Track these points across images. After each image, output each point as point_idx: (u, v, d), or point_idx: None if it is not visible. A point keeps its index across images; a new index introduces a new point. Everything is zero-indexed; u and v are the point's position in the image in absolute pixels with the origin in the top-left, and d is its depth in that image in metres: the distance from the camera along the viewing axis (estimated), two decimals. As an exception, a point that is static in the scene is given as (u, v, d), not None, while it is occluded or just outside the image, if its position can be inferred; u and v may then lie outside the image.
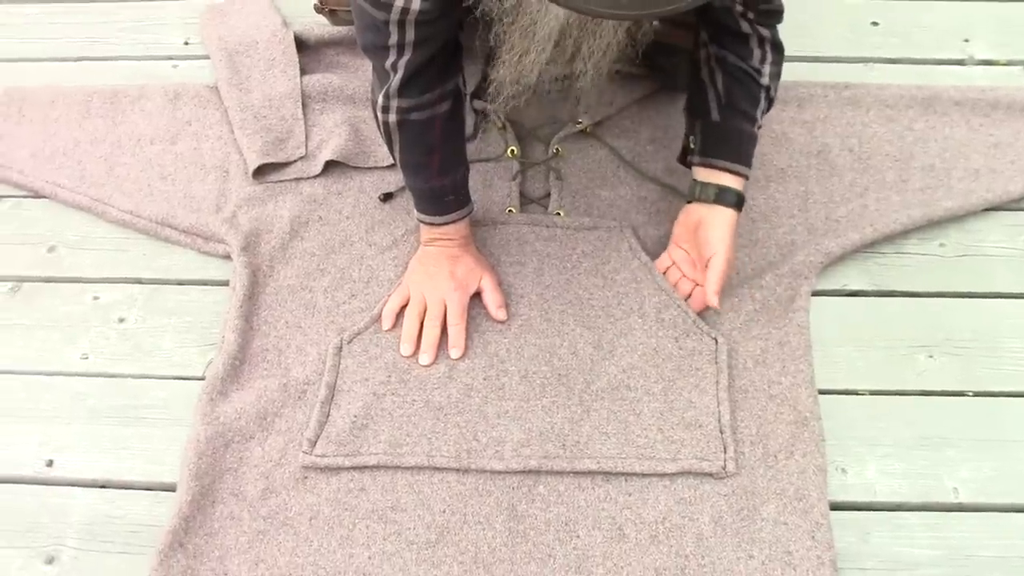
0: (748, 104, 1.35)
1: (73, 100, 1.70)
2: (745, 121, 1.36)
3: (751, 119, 1.36)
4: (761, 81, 1.35)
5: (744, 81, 1.35)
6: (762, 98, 1.37)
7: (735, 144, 1.37)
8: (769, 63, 1.35)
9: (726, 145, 1.37)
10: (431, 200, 1.38)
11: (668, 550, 1.24)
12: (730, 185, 1.36)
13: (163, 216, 1.54)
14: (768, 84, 1.36)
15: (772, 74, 1.36)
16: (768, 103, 1.39)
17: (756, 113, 1.36)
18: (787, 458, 1.29)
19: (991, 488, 1.30)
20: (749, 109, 1.35)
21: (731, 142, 1.37)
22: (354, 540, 1.25)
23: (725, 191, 1.36)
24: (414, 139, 1.31)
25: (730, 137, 1.37)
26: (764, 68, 1.35)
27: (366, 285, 1.46)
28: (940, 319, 1.44)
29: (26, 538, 1.31)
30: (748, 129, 1.36)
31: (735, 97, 1.35)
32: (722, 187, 1.36)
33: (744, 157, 1.37)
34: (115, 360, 1.45)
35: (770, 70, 1.36)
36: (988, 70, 1.72)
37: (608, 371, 1.36)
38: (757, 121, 1.37)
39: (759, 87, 1.35)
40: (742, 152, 1.37)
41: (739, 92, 1.35)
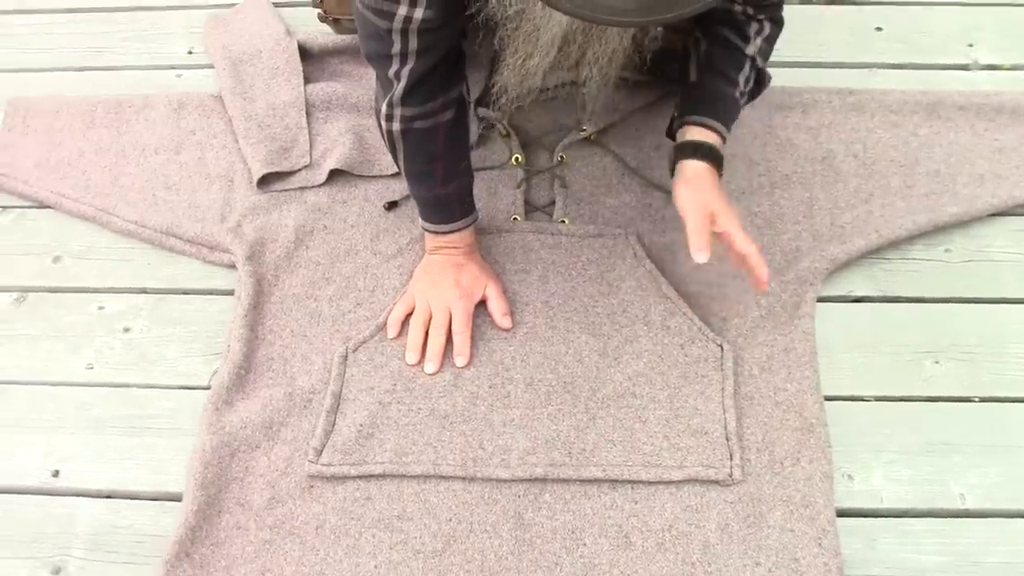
0: (728, 67, 1.33)
1: (77, 110, 1.70)
2: (724, 83, 1.33)
3: (731, 82, 1.33)
4: (747, 50, 1.32)
5: (727, 46, 1.33)
6: (747, 66, 1.33)
7: (710, 102, 1.33)
8: (763, 36, 1.33)
9: (702, 103, 1.34)
10: (436, 208, 1.38)
11: (675, 558, 1.23)
12: (705, 140, 1.31)
13: (168, 226, 1.54)
14: (754, 55, 1.33)
15: (762, 50, 1.33)
16: (756, 75, 1.35)
17: (738, 77, 1.33)
18: (793, 465, 1.29)
19: (998, 494, 1.30)
20: (730, 72, 1.33)
21: (706, 100, 1.34)
22: (360, 549, 1.25)
23: (700, 145, 1.30)
24: (418, 147, 1.31)
25: (706, 96, 1.34)
26: (755, 40, 1.32)
27: (371, 294, 1.46)
28: (946, 325, 1.44)
29: (32, 548, 1.31)
30: (726, 90, 1.33)
31: (715, 59, 1.33)
32: (696, 143, 1.31)
33: (722, 116, 1.33)
34: (120, 370, 1.45)
35: (761, 45, 1.33)
36: (992, 75, 1.72)
37: (614, 378, 1.36)
38: (739, 86, 1.33)
39: (743, 56, 1.33)
40: (718, 109, 1.33)
41: (720, 54, 1.33)
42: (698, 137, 1.32)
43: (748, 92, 1.36)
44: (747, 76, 1.34)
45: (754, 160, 1.57)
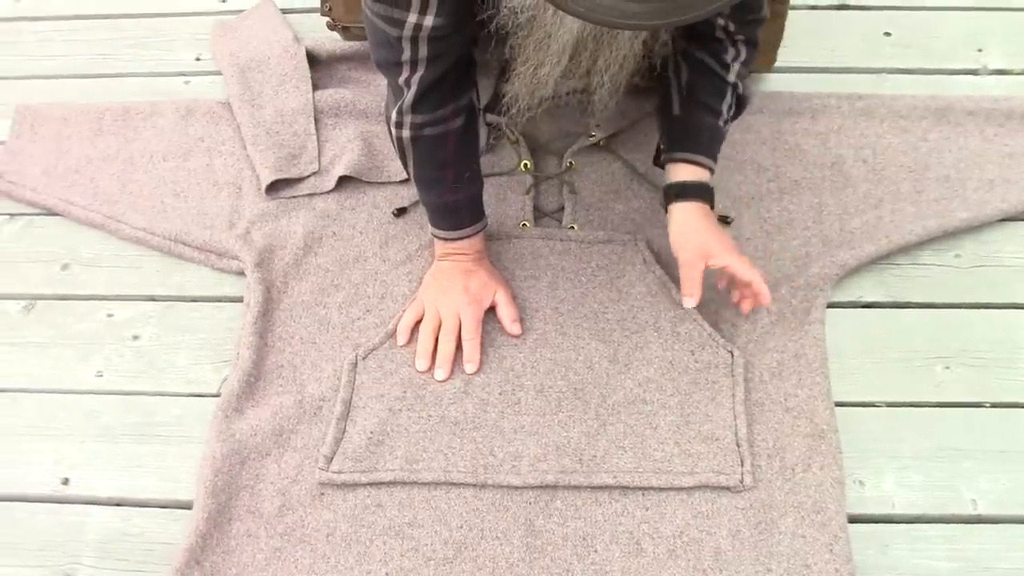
0: (711, 97, 1.33)
1: (85, 117, 1.70)
2: (708, 114, 1.33)
3: (714, 112, 1.33)
4: (728, 77, 1.32)
5: (707, 75, 1.32)
6: (728, 93, 1.33)
7: (695, 136, 1.34)
8: (740, 61, 1.33)
9: (686, 138, 1.34)
10: (445, 215, 1.38)
11: (686, 564, 1.23)
12: (692, 179, 1.33)
13: (176, 233, 1.54)
14: (735, 81, 1.33)
15: (741, 73, 1.34)
16: (737, 101, 1.36)
17: (721, 107, 1.33)
18: (804, 471, 1.29)
19: (1010, 500, 1.30)
20: (712, 102, 1.33)
21: (690, 135, 1.34)
22: (371, 556, 1.25)
23: (687, 185, 1.33)
24: (428, 154, 1.30)
25: (690, 129, 1.34)
26: (733, 65, 1.32)
27: (380, 300, 1.46)
28: (956, 330, 1.44)
29: (42, 556, 1.31)
30: (709, 121, 1.33)
31: (696, 90, 1.33)
32: (685, 182, 1.33)
33: (707, 149, 1.34)
34: (129, 377, 1.45)
35: (739, 69, 1.33)
36: (1002, 80, 1.72)
37: (624, 385, 1.36)
38: (722, 115, 1.33)
39: (724, 83, 1.33)
40: (703, 144, 1.34)
41: (702, 84, 1.33)
42: (685, 176, 1.33)
43: (730, 118, 1.36)
44: (729, 104, 1.34)
45: (763, 166, 1.57)
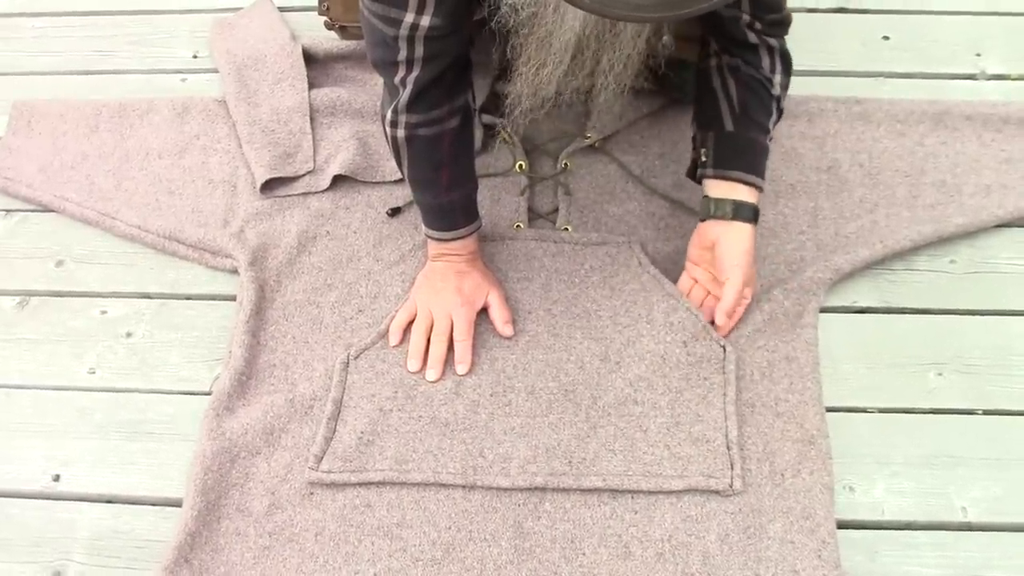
0: (762, 115, 1.34)
1: (82, 114, 1.70)
2: (759, 132, 1.34)
3: (764, 130, 1.35)
4: (773, 92, 1.34)
5: (757, 91, 1.34)
6: (774, 109, 1.36)
7: (750, 156, 1.35)
8: (779, 73, 1.35)
9: (741, 157, 1.35)
10: (439, 215, 1.38)
11: (674, 568, 1.23)
12: (746, 199, 1.34)
13: (171, 231, 1.54)
14: (779, 95, 1.36)
15: (782, 84, 1.36)
16: (779, 115, 1.38)
17: (769, 124, 1.35)
18: (794, 476, 1.29)
19: (1001, 508, 1.29)
20: (763, 120, 1.34)
21: (746, 154, 1.35)
22: (360, 556, 1.25)
23: (742, 206, 1.34)
24: (422, 154, 1.30)
25: (745, 148, 1.35)
26: (775, 78, 1.34)
27: (373, 300, 1.46)
28: (950, 336, 1.44)
29: (33, 553, 1.31)
30: (762, 140, 1.35)
31: (750, 107, 1.34)
32: (739, 202, 1.34)
33: (759, 169, 1.35)
34: (122, 375, 1.45)
35: (780, 80, 1.35)
36: (1000, 85, 1.71)
37: (615, 385, 1.36)
38: (770, 132, 1.36)
39: (771, 97, 1.35)
40: (756, 164, 1.35)
41: (753, 102, 1.34)
42: (736, 196, 1.34)
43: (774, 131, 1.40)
44: (775, 120, 1.37)
45: (759, 169, 1.56)
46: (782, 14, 1.31)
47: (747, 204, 1.34)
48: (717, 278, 1.38)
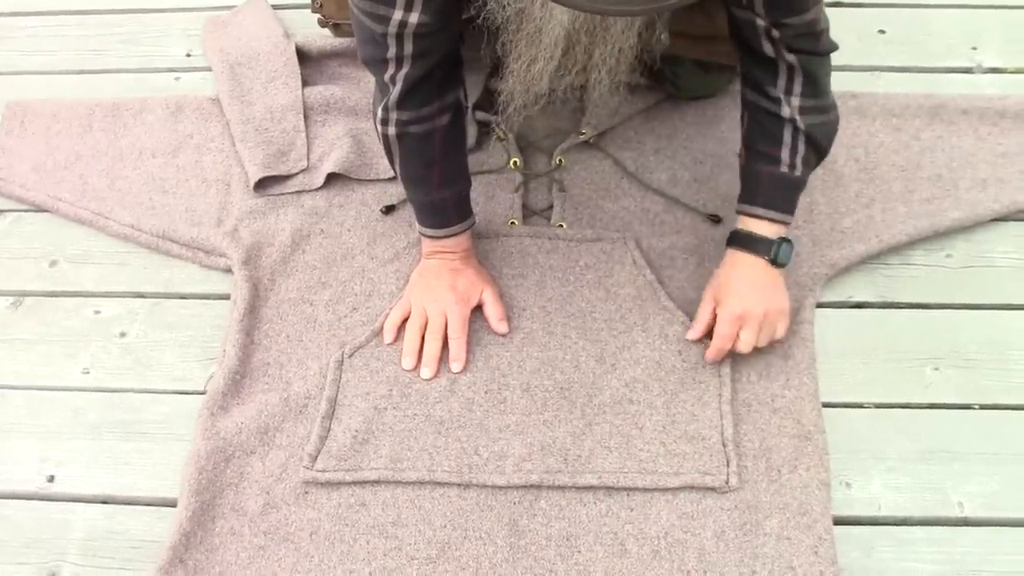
0: (766, 143, 1.28)
1: (75, 113, 1.70)
2: (765, 162, 1.28)
3: (772, 160, 1.28)
4: (781, 114, 1.25)
5: (761, 116, 1.28)
6: (787, 134, 1.26)
7: (752, 186, 1.31)
8: (798, 95, 1.24)
9: (746, 188, 1.32)
10: (432, 213, 1.37)
11: (670, 566, 1.23)
12: (754, 231, 1.31)
13: (164, 230, 1.53)
14: (793, 117, 1.25)
15: (802, 108, 1.24)
16: (805, 141, 1.27)
17: (780, 153, 1.27)
18: (790, 472, 1.28)
19: (997, 502, 1.29)
20: (768, 149, 1.28)
21: (749, 184, 1.32)
22: (355, 555, 1.25)
23: (747, 236, 1.32)
24: (414, 152, 1.30)
25: (748, 179, 1.32)
26: (787, 99, 1.24)
27: (367, 298, 1.46)
28: (947, 331, 1.43)
29: (27, 554, 1.31)
30: (768, 170, 1.29)
31: (754, 136, 1.30)
32: (743, 232, 1.32)
33: (763, 199, 1.30)
34: (116, 375, 1.45)
35: (800, 103, 1.24)
36: (996, 78, 1.71)
37: (611, 384, 1.35)
38: (782, 161, 1.27)
39: (779, 121, 1.26)
40: (760, 194, 1.30)
41: (756, 130, 1.29)
42: (745, 227, 1.32)
43: (803, 161, 1.28)
44: (792, 146, 1.27)
45: (754, 164, 1.56)
46: (804, 18, 1.18)
47: (754, 235, 1.31)
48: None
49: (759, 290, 1.32)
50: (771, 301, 1.32)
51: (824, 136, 1.28)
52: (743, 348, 1.32)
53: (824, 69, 1.25)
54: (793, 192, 1.31)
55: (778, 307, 1.32)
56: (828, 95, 1.27)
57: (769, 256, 1.30)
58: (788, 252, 1.31)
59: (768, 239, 1.31)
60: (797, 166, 1.28)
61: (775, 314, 1.32)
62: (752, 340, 1.32)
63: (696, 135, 1.60)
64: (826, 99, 1.27)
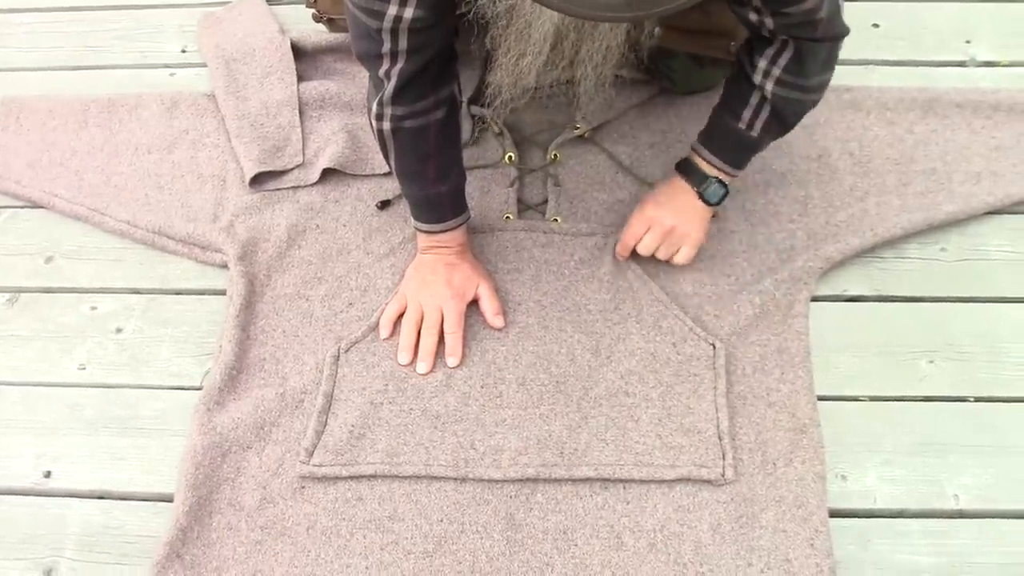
0: (734, 99, 1.32)
1: (70, 109, 1.70)
2: (727, 114, 1.33)
3: (734, 115, 1.31)
4: (752, 79, 1.27)
5: (737, 75, 1.31)
6: (752, 98, 1.29)
7: (710, 130, 1.37)
8: (780, 67, 1.24)
9: (705, 130, 1.38)
10: (427, 208, 1.38)
11: (667, 558, 1.23)
12: (692, 161, 1.38)
13: (160, 226, 1.53)
14: (762, 85, 1.26)
15: (779, 80, 1.25)
16: (770, 109, 1.28)
17: (742, 112, 1.30)
18: (786, 465, 1.29)
19: (992, 494, 1.29)
20: (734, 105, 1.31)
21: (708, 128, 1.38)
22: (351, 550, 1.25)
23: (682, 162, 1.40)
24: (409, 147, 1.30)
25: (709, 123, 1.37)
26: (770, 68, 1.24)
27: (363, 293, 1.46)
28: (941, 324, 1.44)
29: (24, 549, 1.31)
30: (727, 122, 1.33)
31: (727, 88, 1.34)
32: (683, 160, 1.40)
33: (711, 142, 1.37)
34: (112, 370, 1.45)
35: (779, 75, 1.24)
36: (990, 72, 1.71)
37: (606, 377, 1.36)
38: (741, 119, 1.31)
39: (750, 85, 1.28)
40: (712, 137, 1.36)
41: (731, 85, 1.33)
42: (688, 157, 1.40)
43: (763, 126, 1.31)
44: (755, 109, 1.30)
45: (749, 158, 1.56)
46: (802, 7, 1.16)
47: (693, 165, 1.38)
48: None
49: (677, 209, 1.39)
50: (684, 221, 1.39)
51: (791, 111, 1.31)
52: (642, 250, 1.41)
53: (817, 53, 1.24)
54: (744, 150, 1.36)
55: (687, 230, 1.40)
56: (812, 77, 1.27)
57: (699, 188, 1.38)
58: (718, 193, 1.38)
59: (704, 173, 1.38)
60: (756, 128, 1.32)
61: (682, 235, 1.40)
62: (652, 245, 1.40)
63: (691, 129, 1.59)
64: (808, 79, 1.27)
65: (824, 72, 1.28)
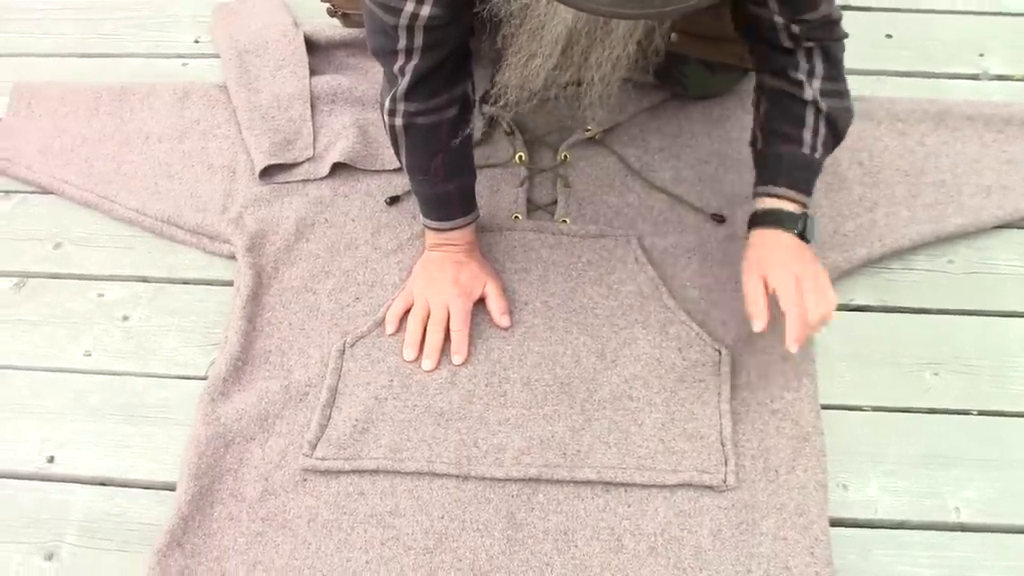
0: (788, 124, 1.28)
1: (82, 97, 1.70)
2: (785, 142, 1.28)
3: (793, 140, 1.27)
4: (804, 96, 1.25)
5: (783, 100, 1.28)
6: (809, 115, 1.26)
7: (774, 167, 1.30)
8: (820, 78, 1.25)
9: (766, 170, 1.31)
10: (437, 206, 1.38)
11: (666, 562, 1.23)
12: (773, 207, 1.29)
13: (169, 215, 1.54)
14: (815, 99, 1.25)
15: (823, 91, 1.25)
16: (826, 123, 1.27)
17: (802, 134, 1.27)
18: (788, 473, 1.29)
19: (994, 508, 1.29)
20: (791, 130, 1.27)
21: (770, 166, 1.30)
22: (352, 544, 1.25)
23: (766, 213, 1.29)
24: (420, 143, 1.30)
25: (768, 161, 1.31)
26: (810, 82, 1.25)
27: (370, 288, 1.46)
28: (947, 336, 1.43)
29: (26, 534, 1.31)
30: (789, 150, 1.28)
31: (774, 119, 1.29)
32: (764, 211, 1.29)
33: (789, 179, 1.28)
34: (118, 358, 1.45)
35: (821, 86, 1.25)
36: (1003, 85, 1.71)
37: (610, 380, 1.36)
38: (804, 142, 1.27)
39: (802, 104, 1.26)
40: (781, 172, 1.29)
41: (777, 112, 1.29)
42: (767, 205, 1.29)
43: (823, 144, 1.28)
44: (813, 128, 1.27)
45: (759, 165, 1.56)
46: (819, 12, 1.20)
47: (780, 211, 1.28)
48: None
49: (799, 257, 1.27)
50: (815, 262, 1.28)
51: (842, 120, 1.29)
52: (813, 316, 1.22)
53: (842, 53, 1.26)
54: (812, 174, 1.30)
55: (823, 269, 1.27)
56: (845, 80, 1.28)
57: (797, 229, 1.27)
58: (815, 227, 1.29)
59: (794, 214, 1.28)
60: (818, 148, 1.28)
61: (824, 275, 1.26)
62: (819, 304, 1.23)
63: (701, 134, 1.60)
64: (844, 84, 1.28)
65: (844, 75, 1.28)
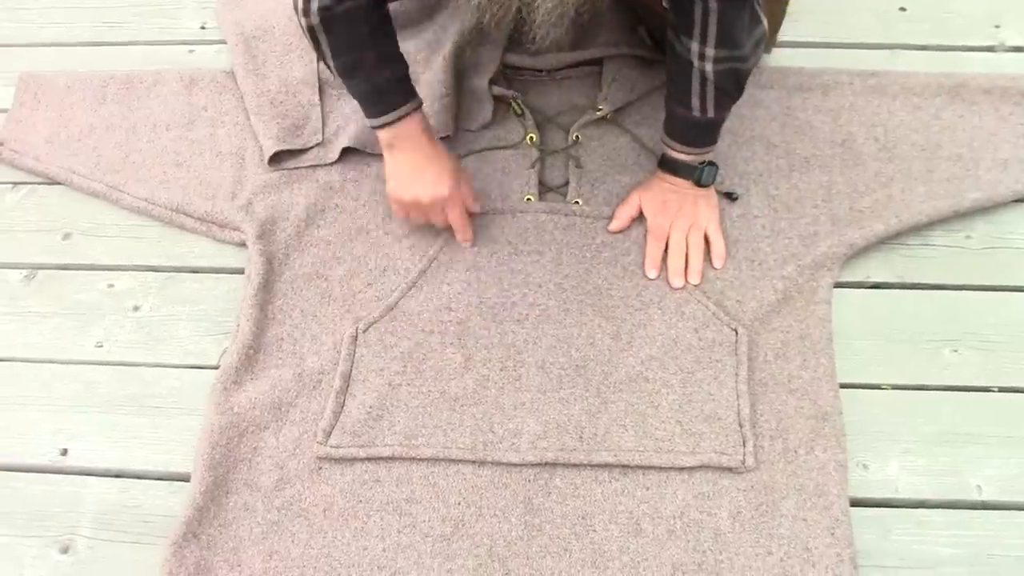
0: (680, 91, 1.33)
1: (89, 86, 1.69)
2: (679, 105, 1.35)
3: (685, 105, 1.33)
4: (693, 63, 1.26)
5: (677, 61, 1.30)
6: (695, 82, 1.29)
7: (671, 123, 1.40)
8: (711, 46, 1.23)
9: (666, 122, 1.41)
10: (377, 98, 1.32)
11: (685, 545, 1.22)
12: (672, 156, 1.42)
13: (178, 203, 1.53)
14: (702, 68, 1.26)
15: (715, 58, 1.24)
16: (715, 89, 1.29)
17: (692, 100, 1.32)
18: (807, 453, 1.28)
19: (1015, 486, 1.28)
20: (681, 95, 1.33)
21: (669, 120, 1.40)
22: (368, 532, 1.25)
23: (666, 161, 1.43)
24: (342, 35, 1.26)
25: (667, 116, 1.40)
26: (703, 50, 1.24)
27: (382, 274, 1.45)
28: (965, 313, 1.42)
29: (41, 527, 1.31)
30: (682, 113, 1.35)
31: (670, 80, 1.35)
32: (664, 158, 1.44)
33: (679, 136, 1.40)
34: (129, 348, 1.45)
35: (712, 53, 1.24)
36: (1019, 57, 1.69)
37: (626, 362, 1.35)
38: (692, 108, 1.33)
39: (689, 68, 1.28)
40: (676, 131, 1.40)
41: (673, 75, 1.33)
42: (669, 154, 1.43)
43: (715, 106, 1.33)
44: (700, 94, 1.31)
45: (773, 142, 1.54)
46: None
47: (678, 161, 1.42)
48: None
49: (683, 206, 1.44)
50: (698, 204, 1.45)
51: (734, 82, 1.31)
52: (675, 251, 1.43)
53: (741, 17, 1.22)
54: (707, 130, 1.39)
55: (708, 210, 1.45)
56: (743, 45, 1.25)
57: (693, 178, 1.42)
58: (712, 174, 1.43)
59: (690, 165, 1.42)
60: (708, 110, 1.33)
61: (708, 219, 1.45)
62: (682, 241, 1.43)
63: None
64: (741, 49, 1.25)
65: (753, 30, 1.25)
